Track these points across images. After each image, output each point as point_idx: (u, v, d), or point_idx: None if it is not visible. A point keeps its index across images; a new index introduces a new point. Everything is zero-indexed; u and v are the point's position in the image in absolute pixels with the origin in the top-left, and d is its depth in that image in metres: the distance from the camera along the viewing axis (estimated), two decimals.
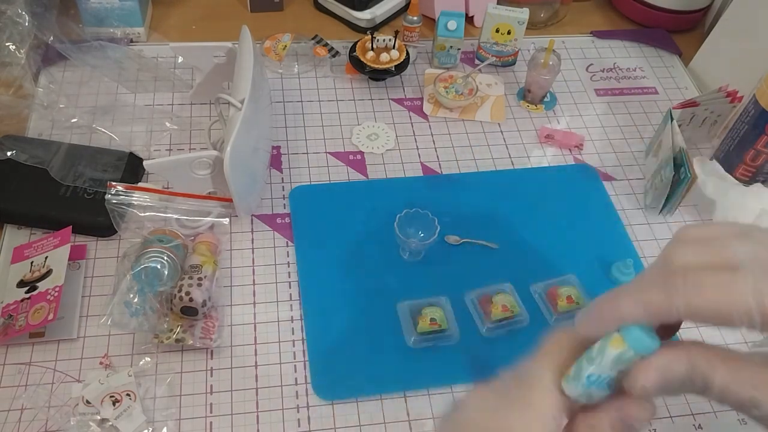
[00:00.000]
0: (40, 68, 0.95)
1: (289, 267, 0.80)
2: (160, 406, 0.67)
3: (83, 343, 0.71)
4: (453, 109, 0.99)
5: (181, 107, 0.95)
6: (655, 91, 1.07)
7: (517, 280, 0.79)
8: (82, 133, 0.89)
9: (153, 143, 0.89)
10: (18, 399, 0.66)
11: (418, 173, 0.91)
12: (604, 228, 0.87)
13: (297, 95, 0.99)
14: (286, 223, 0.84)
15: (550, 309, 0.77)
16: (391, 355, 0.73)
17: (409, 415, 0.69)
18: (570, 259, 0.82)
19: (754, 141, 0.86)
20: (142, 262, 0.70)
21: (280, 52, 1.02)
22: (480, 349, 0.74)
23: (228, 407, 0.68)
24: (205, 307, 0.71)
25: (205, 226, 0.79)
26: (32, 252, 0.74)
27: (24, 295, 0.70)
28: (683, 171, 0.82)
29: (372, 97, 1.00)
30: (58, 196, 0.79)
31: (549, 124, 1.00)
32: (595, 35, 1.16)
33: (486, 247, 0.83)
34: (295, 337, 0.74)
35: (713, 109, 0.94)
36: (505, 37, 1.03)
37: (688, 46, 1.13)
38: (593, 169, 0.94)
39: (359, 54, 0.98)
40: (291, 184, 0.88)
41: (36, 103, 0.90)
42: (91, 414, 0.65)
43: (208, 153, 0.76)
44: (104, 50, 0.97)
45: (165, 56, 1.01)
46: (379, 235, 0.82)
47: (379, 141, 0.94)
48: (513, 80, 1.06)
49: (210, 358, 0.71)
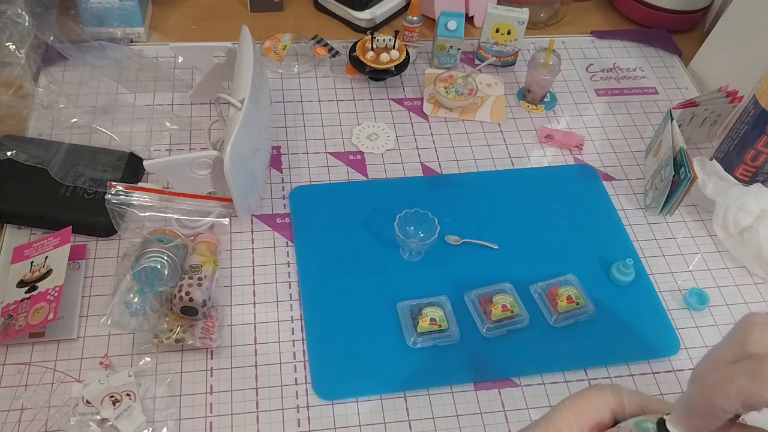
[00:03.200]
0: (40, 68, 0.95)
1: (289, 267, 0.80)
2: (160, 406, 0.67)
3: (83, 343, 0.71)
4: (453, 109, 0.99)
5: (181, 107, 0.95)
6: (655, 91, 1.07)
7: (517, 280, 0.79)
8: (82, 133, 0.89)
9: (153, 143, 0.89)
10: (18, 399, 0.66)
11: (418, 173, 0.91)
12: (604, 228, 0.87)
13: (297, 95, 0.99)
14: (286, 223, 0.84)
15: (550, 309, 0.77)
16: (391, 355, 0.73)
17: (409, 415, 0.69)
18: (570, 259, 0.82)
19: (754, 141, 0.86)
20: (142, 262, 0.70)
21: (280, 52, 1.02)
22: (480, 349, 0.74)
23: (228, 407, 0.68)
24: (205, 307, 0.71)
25: (205, 226, 0.79)
26: (32, 252, 0.74)
27: (24, 295, 0.70)
28: (683, 171, 0.82)
29: (372, 97, 1.00)
30: (58, 196, 0.79)
31: (549, 124, 1.00)
32: (595, 35, 1.16)
33: (486, 247, 0.83)
34: (295, 337, 0.74)
35: (713, 109, 0.94)
36: (505, 37, 1.03)
37: (688, 46, 1.13)
38: (593, 169, 0.94)
39: (359, 54, 0.98)
40: (291, 184, 0.88)
41: (36, 103, 0.90)
42: (91, 414, 0.65)
43: (208, 153, 0.76)
44: (104, 50, 0.97)
45: (165, 56, 1.01)
46: (379, 235, 0.82)
47: (379, 141, 0.94)
48: (513, 80, 1.06)
49: (210, 358, 0.71)
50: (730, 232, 0.84)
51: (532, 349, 0.75)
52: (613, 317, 0.78)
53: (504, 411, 0.70)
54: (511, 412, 0.70)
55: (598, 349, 0.75)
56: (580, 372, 0.74)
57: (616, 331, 0.77)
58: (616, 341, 0.76)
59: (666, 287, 0.82)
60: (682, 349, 0.77)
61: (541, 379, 0.73)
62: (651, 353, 0.76)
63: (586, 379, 0.74)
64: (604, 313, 0.78)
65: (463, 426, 0.69)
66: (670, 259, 0.85)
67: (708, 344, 0.77)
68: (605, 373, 0.74)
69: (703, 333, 0.79)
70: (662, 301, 0.81)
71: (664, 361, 0.76)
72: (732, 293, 0.82)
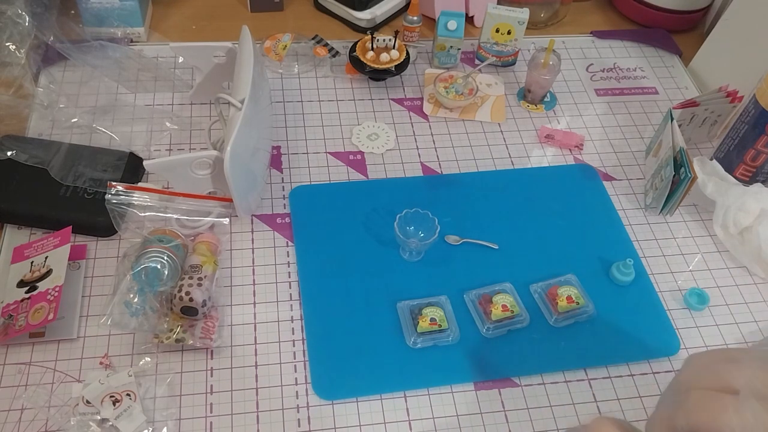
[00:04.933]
0: (40, 68, 0.95)
1: (289, 267, 0.80)
2: (160, 406, 0.67)
3: (83, 343, 0.71)
4: (453, 109, 0.99)
5: (181, 107, 0.95)
6: (655, 91, 1.07)
7: (517, 280, 0.79)
8: (82, 133, 0.89)
9: (153, 143, 0.89)
10: (18, 399, 0.66)
11: (418, 173, 0.91)
12: (604, 228, 0.87)
13: (297, 95, 0.99)
14: (286, 223, 0.84)
15: (550, 309, 0.77)
16: (391, 355, 0.73)
17: (409, 415, 0.69)
18: (570, 259, 0.82)
19: (754, 141, 0.86)
20: (142, 262, 0.70)
21: (280, 52, 1.02)
22: (480, 349, 0.74)
23: (228, 407, 0.68)
24: (205, 307, 0.71)
25: (205, 226, 0.79)
26: (32, 252, 0.74)
27: (24, 295, 0.70)
28: (683, 171, 0.82)
29: (372, 97, 1.00)
30: (58, 196, 0.79)
31: (549, 124, 1.00)
32: (595, 35, 1.16)
33: (486, 247, 0.83)
34: (295, 337, 0.74)
35: (713, 109, 0.94)
36: (505, 37, 1.03)
37: (688, 46, 1.13)
38: (593, 169, 0.94)
39: (359, 54, 0.98)
40: (291, 184, 0.88)
41: (36, 103, 0.90)
42: (91, 414, 0.65)
43: (208, 153, 0.76)
44: (104, 50, 0.97)
45: (165, 56, 1.01)
46: (379, 235, 0.82)
47: (379, 141, 0.94)
48: (513, 80, 1.06)
49: (210, 358, 0.71)
50: (730, 232, 0.84)
51: (532, 349, 0.75)
52: (613, 317, 0.78)
53: (504, 411, 0.70)
54: (511, 412, 0.70)
55: (598, 349, 0.75)
56: (580, 372, 0.74)
57: (616, 331, 0.77)
58: (616, 341, 0.76)
59: (666, 287, 0.82)
60: (682, 349, 0.77)
61: (541, 379, 0.73)
62: (651, 353, 0.76)
63: (586, 379, 0.74)
64: (604, 313, 0.78)
65: (463, 426, 0.69)
66: (670, 259, 0.85)
67: (708, 344, 0.77)
68: (605, 373, 0.74)
69: (703, 333, 0.79)
70: (662, 301, 0.81)
71: (664, 361, 0.76)
72: (732, 293, 0.82)
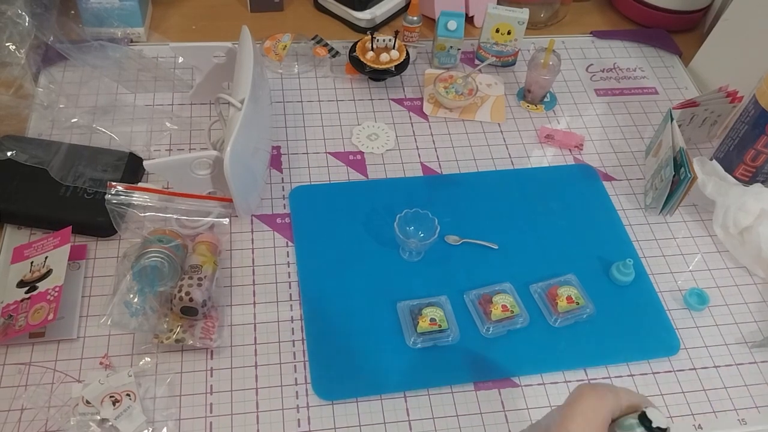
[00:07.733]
0: (40, 68, 0.95)
1: (289, 267, 0.80)
2: (160, 406, 0.67)
3: (83, 343, 0.71)
4: (453, 109, 0.99)
5: (181, 107, 0.95)
6: (655, 91, 1.07)
7: (517, 280, 0.79)
8: (82, 133, 0.89)
9: (153, 143, 0.89)
10: (18, 399, 0.66)
11: (418, 173, 0.91)
12: (604, 228, 0.87)
13: (297, 95, 0.99)
14: (286, 223, 0.84)
15: (550, 309, 0.77)
16: (391, 355, 0.73)
17: (409, 415, 0.69)
18: (570, 259, 0.82)
19: (754, 141, 0.86)
20: (142, 262, 0.70)
21: (280, 52, 1.02)
22: (480, 349, 0.74)
23: (228, 407, 0.68)
24: (205, 307, 0.71)
25: (205, 226, 0.79)
26: (32, 252, 0.74)
27: (24, 295, 0.70)
28: (683, 171, 0.82)
29: (372, 97, 1.00)
30: (58, 196, 0.79)
31: (549, 124, 1.00)
32: (595, 35, 1.16)
33: (486, 247, 0.83)
34: (295, 337, 0.74)
35: (713, 109, 0.94)
36: (505, 37, 1.03)
37: (688, 46, 1.13)
38: (593, 169, 0.94)
39: (359, 54, 0.98)
40: (291, 184, 0.88)
41: (36, 103, 0.90)
42: (91, 414, 0.65)
43: (208, 153, 0.76)
44: (104, 50, 0.97)
45: (165, 56, 1.01)
46: (379, 235, 0.82)
47: (379, 141, 0.94)
48: (513, 80, 1.06)
49: (210, 358, 0.71)
50: (730, 232, 0.84)
51: (532, 349, 0.75)
52: (613, 317, 0.78)
53: (504, 411, 0.70)
54: (511, 412, 0.70)
55: (598, 349, 0.75)
56: (580, 372, 0.74)
57: (616, 331, 0.77)
58: (616, 341, 0.76)
59: (666, 287, 0.82)
60: (682, 349, 0.77)
61: (541, 379, 0.73)
62: (651, 353, 0.76)
63: (586, 379, 0.74)
64: (604, 313, 0.78)
65: (463, 426, 0.69)
66: (670, 259, 0.85)
67: (708, 344, 0.77)
68: (605, 373, 0.74)
69: (703, 333, 0.79)
70: (662, 301, 0.81)
71: (664, 361, 0.76)
72: (732, 293, 0.82)
